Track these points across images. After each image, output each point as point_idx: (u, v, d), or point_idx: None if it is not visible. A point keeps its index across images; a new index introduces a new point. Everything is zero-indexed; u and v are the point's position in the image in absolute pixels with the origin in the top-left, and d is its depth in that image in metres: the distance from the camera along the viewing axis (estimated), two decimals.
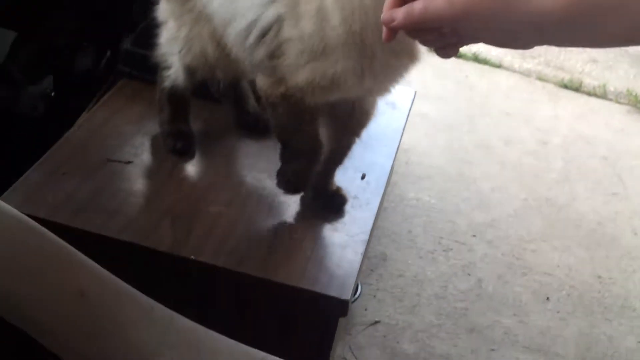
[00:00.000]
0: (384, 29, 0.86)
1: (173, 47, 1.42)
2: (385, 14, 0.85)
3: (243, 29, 1.24)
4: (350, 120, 1.33)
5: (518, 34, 0.78)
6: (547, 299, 2.04)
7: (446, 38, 0.84)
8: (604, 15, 0.72)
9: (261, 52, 1.23)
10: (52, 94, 1.77)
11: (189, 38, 1.38)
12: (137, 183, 1.37)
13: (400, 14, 0.83)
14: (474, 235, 2.20)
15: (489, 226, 2.25)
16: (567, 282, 2.10)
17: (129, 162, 1.41)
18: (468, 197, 2.37)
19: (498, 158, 2.59)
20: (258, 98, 1.38)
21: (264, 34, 1.21)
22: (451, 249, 2.14)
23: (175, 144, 1.45)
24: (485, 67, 3.19)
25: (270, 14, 1.19)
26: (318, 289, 1.22)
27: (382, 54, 1.15)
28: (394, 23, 0.84)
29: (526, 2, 0.73)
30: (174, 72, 1.43)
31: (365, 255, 1.33)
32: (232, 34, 1.27)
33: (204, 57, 1.37)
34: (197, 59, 1.39)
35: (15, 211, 0.90)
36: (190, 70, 1.42)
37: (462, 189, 2.40)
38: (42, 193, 1.29)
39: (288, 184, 1.33)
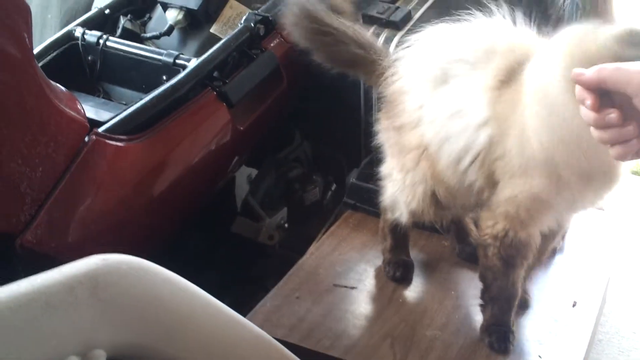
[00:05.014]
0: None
1: (399, 197, 1.50)
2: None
3: (456, 154, 1.31)
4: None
5: None
6: None
7: None
8: None
9: (472, 176, 1.31)
10: (286, 225, 1.97)
11: (413, 186, 1.44)
12: (361, 307, 1.51)
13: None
14: None
15: None
16: None
17: (353, 288, 1.56)
18: None
19: None
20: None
21: (475, 157, 1.29)
22: None
23: (395, 273, 1.59)
24: None
25: (482, 138, 1.26)
26: None
27: (576, 178, 1.19)
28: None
29: None
30: (399, 213, 1.52)
31: None
32: (445, 160, 1.33)
33: (428, 202, 1.44)
34: (422, 206, 1.45)
35: (261, 331, 1.02)
36: (414, 215, 1.49)
37: None
38: (279, 315, 1.46)
39: (492, 345, 1.39)
